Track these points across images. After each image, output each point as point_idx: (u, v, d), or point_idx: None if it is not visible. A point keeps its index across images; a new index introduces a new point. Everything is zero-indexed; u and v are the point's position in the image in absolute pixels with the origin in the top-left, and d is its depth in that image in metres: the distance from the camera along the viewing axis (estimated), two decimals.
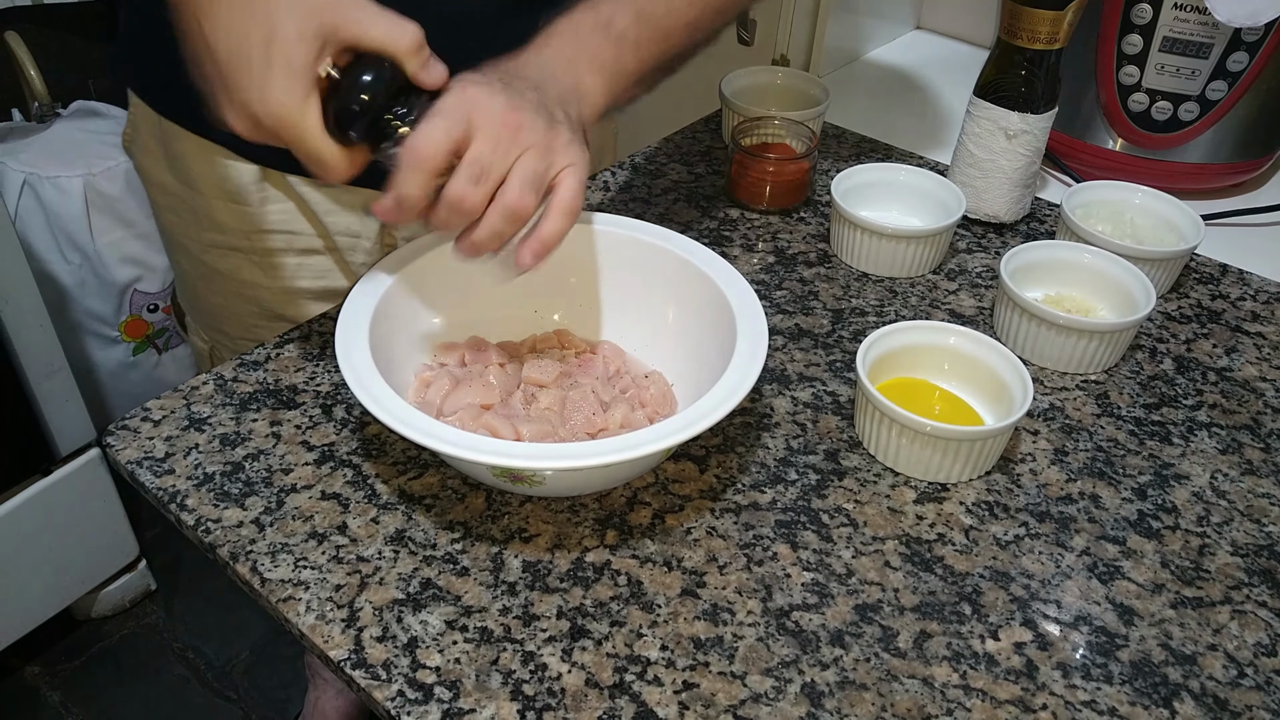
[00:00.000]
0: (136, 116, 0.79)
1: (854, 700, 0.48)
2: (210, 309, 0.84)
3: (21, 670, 1.41)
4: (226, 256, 0.79)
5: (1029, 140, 0.78)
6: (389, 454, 0.60)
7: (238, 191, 0.75)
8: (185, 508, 0.56)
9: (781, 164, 0.82)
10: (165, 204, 0.80)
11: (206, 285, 0.82)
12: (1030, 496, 0.59)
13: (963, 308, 0.75)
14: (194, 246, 0.80)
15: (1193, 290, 0.78)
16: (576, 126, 0.56)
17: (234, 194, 0.76)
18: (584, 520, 0.56)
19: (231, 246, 0.78)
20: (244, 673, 1.42)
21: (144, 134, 0.78)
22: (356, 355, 0.54)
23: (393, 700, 0.47)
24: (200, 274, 0.82)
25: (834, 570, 0.54)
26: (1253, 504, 0.60)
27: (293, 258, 0.79)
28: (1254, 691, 0.49)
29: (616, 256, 0.66)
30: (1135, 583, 0.54)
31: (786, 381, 0.67)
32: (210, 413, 0.62)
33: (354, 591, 0.52)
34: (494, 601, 0.52)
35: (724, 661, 0.49)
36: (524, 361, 0.63)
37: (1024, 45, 0.75)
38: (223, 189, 0.76)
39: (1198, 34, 0.82)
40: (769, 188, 0.83)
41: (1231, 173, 0.90)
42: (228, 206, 0.76)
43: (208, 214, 0.77)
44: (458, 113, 0.51)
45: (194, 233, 0.79)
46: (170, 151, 0.76)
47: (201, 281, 0.82)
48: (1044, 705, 0.48)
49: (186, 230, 0.80)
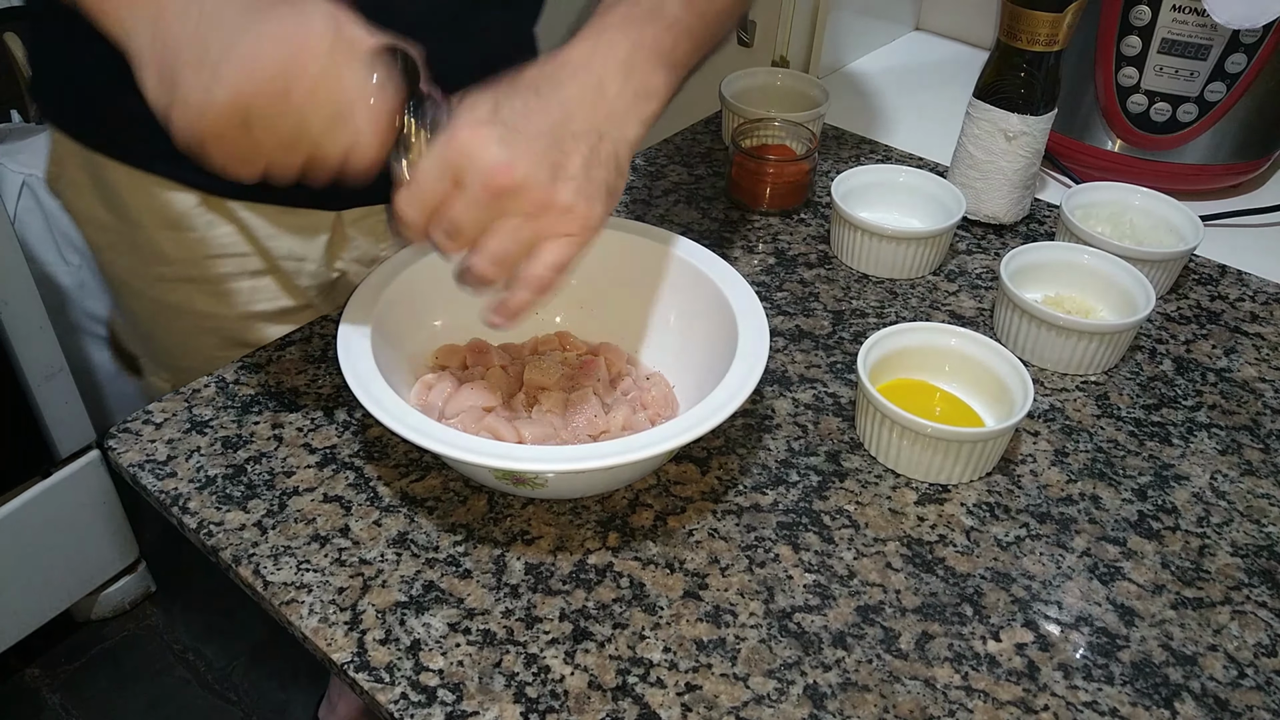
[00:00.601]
0: (61, 153, 0.73)
1: (856, 701, 0.48)
2: (169, 347, 0.80)
3: (22, 672, 1.41)
4: (177, 288, 0.75)
5: (1028, 142, 0.79)
6: (391, 456, 0.60)
7: (179, 219, 0.72)
8: (187, 511, 0.56)
9: (781, 165, 0.83)
10: (104, 242, 0.76)
11: (161, 322, 0.79)
12: (1031, 497, 0.59)
13: (963, 309, 0.75)
14: (141, 283, 0.76)
15: (1192, 291, 0.78)
16: (602, 167, 0.51)
17: (176, 222, 0.72)
18: (586, 522, 0.56)
19: (181, 277, 0.75)
20: (244, 674, 1.42)
21: (71, 170, 0.73)
22: (359, 358, 0.54)
23: (396, 703, 0.47)
24: (153, 311, 0.78)
25: (836, 572, 0.54)
26: (1252, 504, 0.60)
27: (245, 281, 0.75)
28: (1254, 692, 0.49)
29: (618, 258, 0.66)
30: (1136, 583, 0.55)
31: (787, 383, 0.67)
32: (212, 415, 0.62)
33: (357, 594, 0.52)
34: (496, 604, 0.52)
35: (726, 663, 0.49)
36: (526, 364, 0.63)
37: (1023, 47, 0.75)
38: (164, 218, 0.72)
39: (1196, 35, 0.82)
40: (769, 189, 0.83)
41: (1230, 174, 0.90)
42: (171, 236, 0.72)
43: (151, 247, 0.73)
44: (444, 164, 0.48)
45: (139, 268, 0.75)
46: (103, 186, 0.72)
47: (155, 319, 0.79)
48: (1045, 706, 0.48)
49: (131, 267, 0.76)
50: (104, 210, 0.73)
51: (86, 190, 0.73)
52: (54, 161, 0.75)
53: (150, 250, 0.73)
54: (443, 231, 0.50)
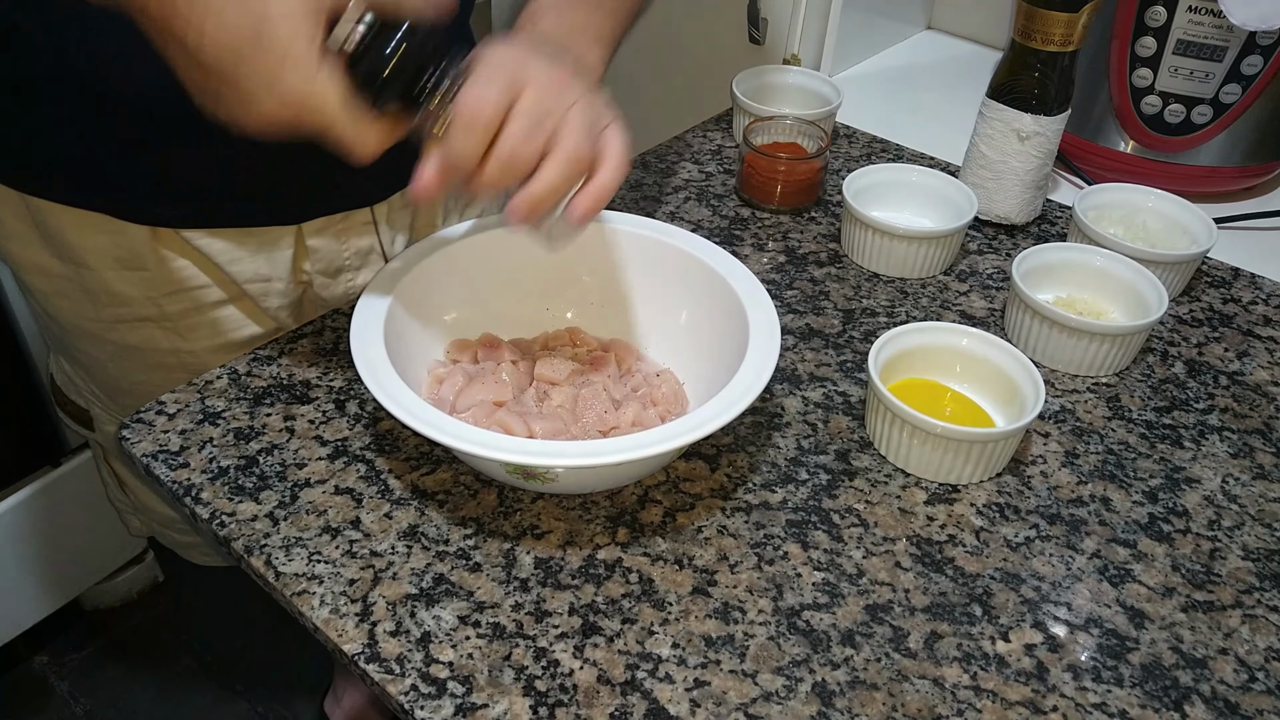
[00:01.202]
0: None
1: (864, 700, 0.48)
2: (131, 389, 0.76)
3: (30, 660, 1.41)
4: (137, 329, 0.73)
5: (1041, 142, 0.78)
6: (402, 450, 0.60)
7: (131, 258, 0.69)
8: (200, 501, 0.56)
9: (793, 164, 0.83)
10: (51, 289, 0.72)
11: (123, 365, 0.75)
12: (1041, 499, 0.59)
13: (973, 309, 0.75)
14: (96, 327, 0.73)
15: (1204, 294, 0.78)
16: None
17: (128, 260, 0.69)
18: (596, 518, 0.56)
19: (140, 318, 0.72)
20: (250, 665, 1.43)
21: (9, 221, 0.69)
22: (371, 351, 0.55)
23: (406, 695, 0.47)
24: (111, 355, 0.75)
25: (845, 570, 0.54)
26: (1264, 508, 0.60)
27: (208, 314, 0.73)
28: (1265, 696, 0.49)
29: (629, 255, 0.66)
30: (1146, 586, 0.55)
31: (797, 381, 0.67)
32: (225, 407, 0.62)
33: (367, 586, 0.52)
34: (506, 597, 0.52)
35: (735, 660, 0.49)
36: (536, 359, 0.63)
37: (1038, 47, 0.75)
38: (114, 258, 0.69)
39: (1212, 37, 0.82)
40: (780, 187, 0.83)
41: (1244, 176, 0.90)
42: (124, 275, 0.70)
43: (104, 289, 0.70)
44: (504, 69, 0.50)
45: (92, 312, 0.72)
46: (45, 230, 0.69)
47: (115, 362, 0.75)
48: (1054, 707, 0.48)
49: (82, 312, 0.72)
50: (50, 257, 0.70)
51: (28, 239, 0.70)
52: None
53: (104, 293, 0.71)
54: (501, 162, 0.50)
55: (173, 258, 0.70)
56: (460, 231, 0.64)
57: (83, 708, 1.36)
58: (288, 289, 0.74)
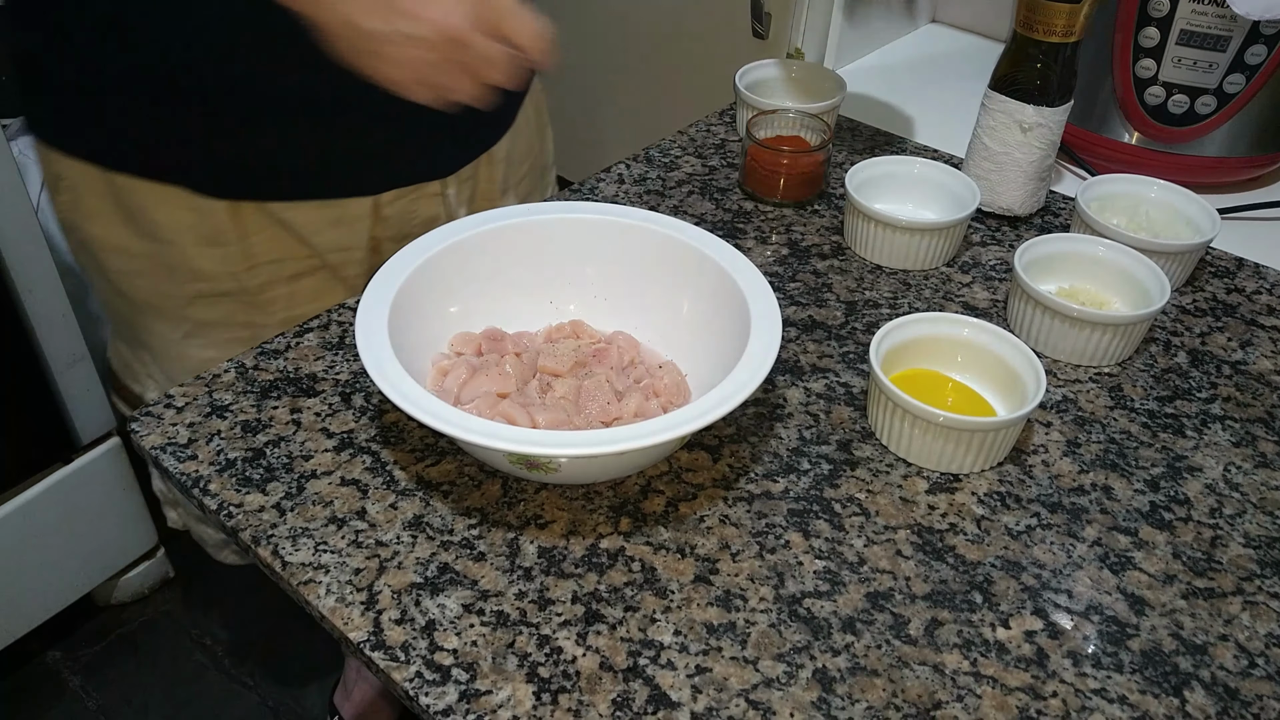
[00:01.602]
0: (75, 182, 0.72)
1: (865, 686, 0.48)
2: (201, 367, 0.77)
3: (43, 654, 1.43)
4: (215, 304, 0.75)
5: (1044, 133, 0.79)
6: (407, 441, 0.61)
7: (213, 233, 0.72)
8: (208, 493, 0.57)
9: (796, 157, 0.83)
10: (130, 268, 0.74)
11: (194, 342, 0.77)
12: (1042, 487, 0.60)
13: (976, 300, 0.75)
14: (173, 304, 0.75)
15: (1208, 284, 0.78)
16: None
17: (210, 236, 0.72)
18: (598, 508, 0.57)
19: (219, 293, 0.74)
20: (260, 660, 1.44)
21: (89, 199, 0.72)
22: (376, 344, 0.55)
23: (411, 681, 0.48)
24: (185, 332, 0.77)
25: (846, 558, 0.55)
26: (1266, 496, 0.60)
27: (283, 287, 0.76)
28: (1265, 681, 0.49)
29: (631, 248, 0.66)
30: (1147, 573, 0.55)
31: (800, 373, 0.67)
32: (232, 400, 0.63)
33: (373, 575, 0.53)
34: (510, 586, 0.52)
35: (736, 647, 0.50)
36: (540, 351, 0.64)
37: (1040, 38, 0.75)
38: (197, 234, 0.71)
39: (1215, 27, 0.82)
40: (783, 180, 0.84)
41: (1249, 166, 0.90)
42: (206, 251, 0.72)
43: (185, 265, 0.73)
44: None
45: (170, 289, 0.74)
46: (127, 209, 0.71)
47: (188, 340, 0.77)
48: (1054, 693, 0.48)
49: (160, 289, 0.74)
50: (130, 236, 0.72)
51: (109, 218, 0.72)
52: (64, 192, 0.73)
53: (185, 269, 0.73)
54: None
55: (254, 231, 0.73)
56: (464, 226, 0.65)
57: (95, 702, 1.38)
58: (365, 257, 0.78)
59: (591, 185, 0.87)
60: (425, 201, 0.79)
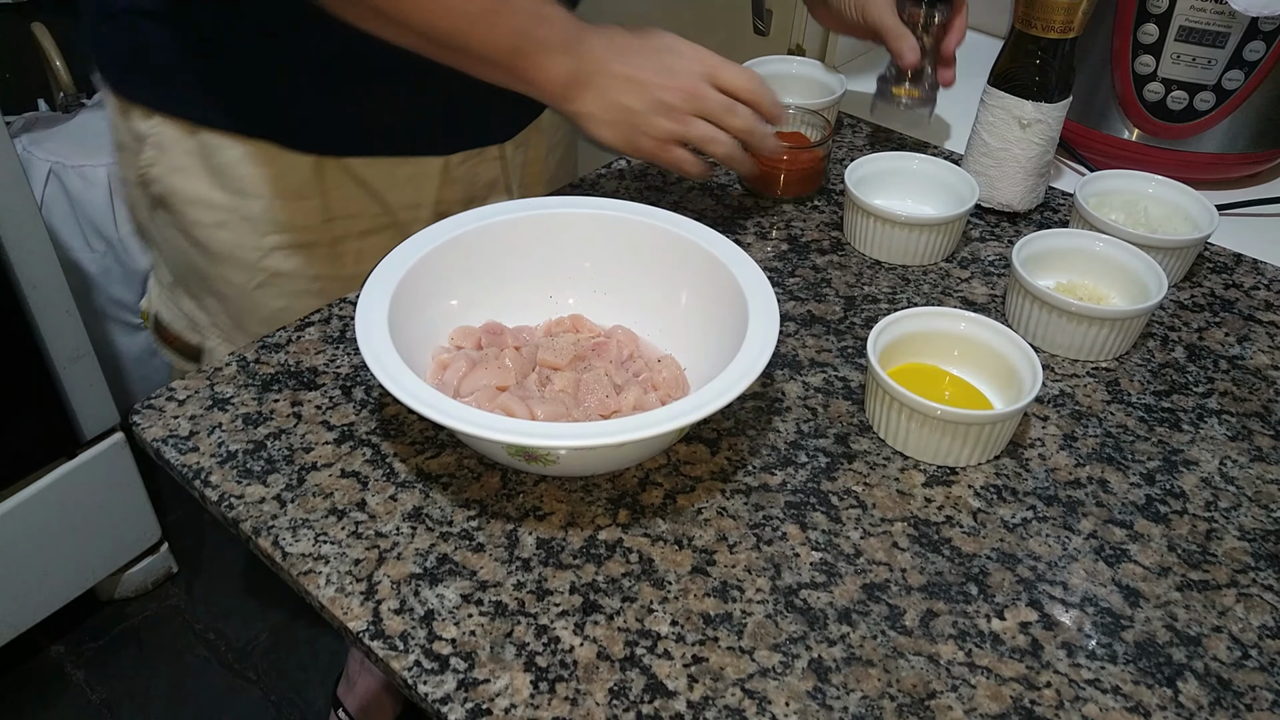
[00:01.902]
0: (163, 139, 0.76)
1: (860, 676, 0.49)
2: (270, 316, 0.83)
3: (47, 649, 1.44)
4: (291, 256, 0.80)
5: (1043, 129, 0.79)
6: (407, 434, 0.61)
7: (298, 187, 0.77)
8: (209, 484, 0.57)
9: (796, 153, 0.83)
10: (212, 220, 0.78)
11: (267, 290, 0.82)
12: (1038, 481, 0.60)
13: (975, 295, 0.75)
14: (252, 255, 0.80)
15: (1206, 279, 0.78)
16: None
17: (294, 190, 0.77)
18: (597, 500, 0.57)
19: (296, 244, 0.79)
20: (263, 654, 1.44)
21: (175, 156, 0.76)
22: (376, 337, 0.56)
23: (410, 670, 0.48)
24: (258, 282, 0.81)
25: (842, 550, 0.55)
26: (1261, 490, 0.60)
27: (355, 242, 0.81)
28: (1257, 673, 0.50)
29: (631, 242, 0.67)
30: (1141, 565, 0.55)
31: (798, 367, 0.68)
32: (233, 393, 0.64)
33: (372, 566, 0.53)
34: (509, 577, 0.53)
35: (733, 637, 0.50)
36: (539, 345, 0.64)
37: (1038, 34, 0.75)
38: (281, 187, 0.77)
39: (1214, 23, 0.82)
40: (783, 176, 0.84)
41: (1248, 163, 0.90)
42: (288, 205, 0.77)
43: (267, 217, 0.78)
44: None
45: (251, 241, 0.79)
46: (213, 164, 0.76)
47: (261, 289, 0.82)
48: (1048, 683, 0.49)
49: (241, 241, 0.79)
50: (214, 188, 0.77)
51: (196, 172, 0.77)
52: (148, 149, 0.77)
53: (267, 221, 0.78)
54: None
55: (333, 187, 0.78)
56: (465, 220, 0.65)
57: (98, 696, 1.38)
58: (430, 216, 0.82)
59: (593, 181, 0.87)
60: (487, 164, 0.85)
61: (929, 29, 0.86)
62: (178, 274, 0.86)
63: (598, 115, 0.68)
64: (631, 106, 0.67)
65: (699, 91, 0.68)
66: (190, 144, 0.75)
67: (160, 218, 0.82)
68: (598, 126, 0.68)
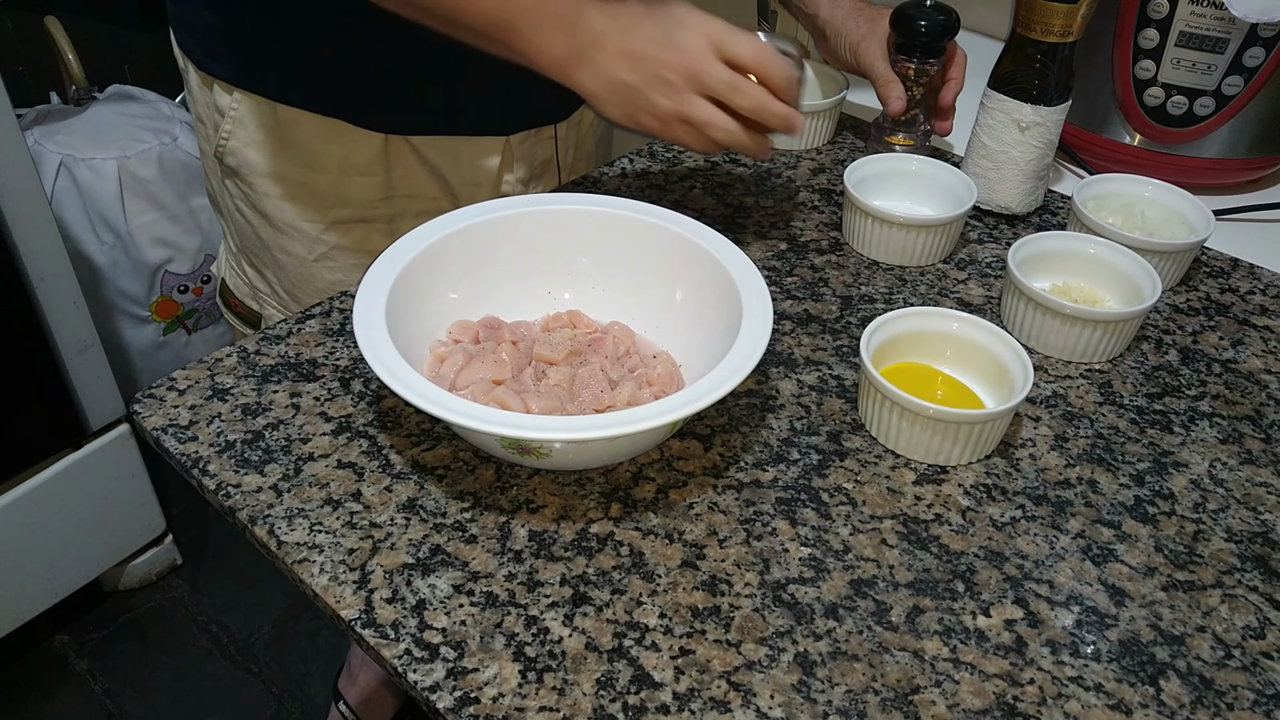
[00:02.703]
0: (242, 113, 0.80)
1: (845, 670, 0.49)
2: (323, 289, 0.87)
3: (51, 639, 1.45)
4: (352, 229, 0.84)
5: (1041, 132, 0.79)
6: (403, 426, 0.62)
7: (366, 164, 0.81)
8: (207, 473, 0.58)
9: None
10: (281, 193, 0.82)
11: (325, 263, 0.86)
12: (1028, 480, 0.60)
13: (971, 296, 0.76)
14: (315, 228, 0.84)
15: (1202, 283, 0.79)
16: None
17: (362, 167, 0.81)
18: (590, 493, 0.58)
19: (358, 219, 0.83)
20: (265, 646, 1.45)
21: (251, 129, 0.81)
22: (374, 331, 0.56)
23: (400, 658, 0.49)
24: (320, 254, 0.85)
25: (831, 546, 0.56)
26: (1250, 492, 0.60)
27: (411, 220, 0.82)
28: (1240, 672, 0.50)
29: (629, 240, 0.67)
30: (1128, 565, 0.55)
31: (793, 365, 0.68)
32: (233, 384, 0.64)
33: (366, 555, 0.54)
34: (500, 568, 0.54)
35: (720, 630, 0.51)
36: (535, 340, 0.65)
37: (1038, 38, 0.76)
38: (349, 163, 0.80)
39: (1214, 29, 0.82)
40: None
41: (1248, 168, 0.90)
42: (355, 181, 0.81)
43: (334, 191, 0.82)
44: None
45: (316, 214, 0.83)
46: (287, 139, 0.80)
47: (320, 261, 0.86)
48: (1031, 680, 0.49)
49: (307, 214, 0.83)
50: (287, 163, 0.81)
51: (269, 146, 0.81)
52: (228, 122, 0.82)
53: (333, 195, 0.82)
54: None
55: (399, 164, 0.82)
56: (465, 215, 0.66)
57: (101, 686, 1.39)
58: (489, 194, 0.86)
59: (595, 179, 0.88)
60: (544, 144, 0.88)
61: (920, 80, 0.87)
62: (243, 243, 0.90)
63: (599, 93, 0.66)
64: (630, 83, 0.65)
65: (700, 67, 0.64)
66: (269, 119, 0.80)
67: (231, 188, 0.86)
68: (601, 104, 0.66)
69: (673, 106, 0.65)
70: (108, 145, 1.48)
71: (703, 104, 0.65)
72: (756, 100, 0.65)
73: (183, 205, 1.54)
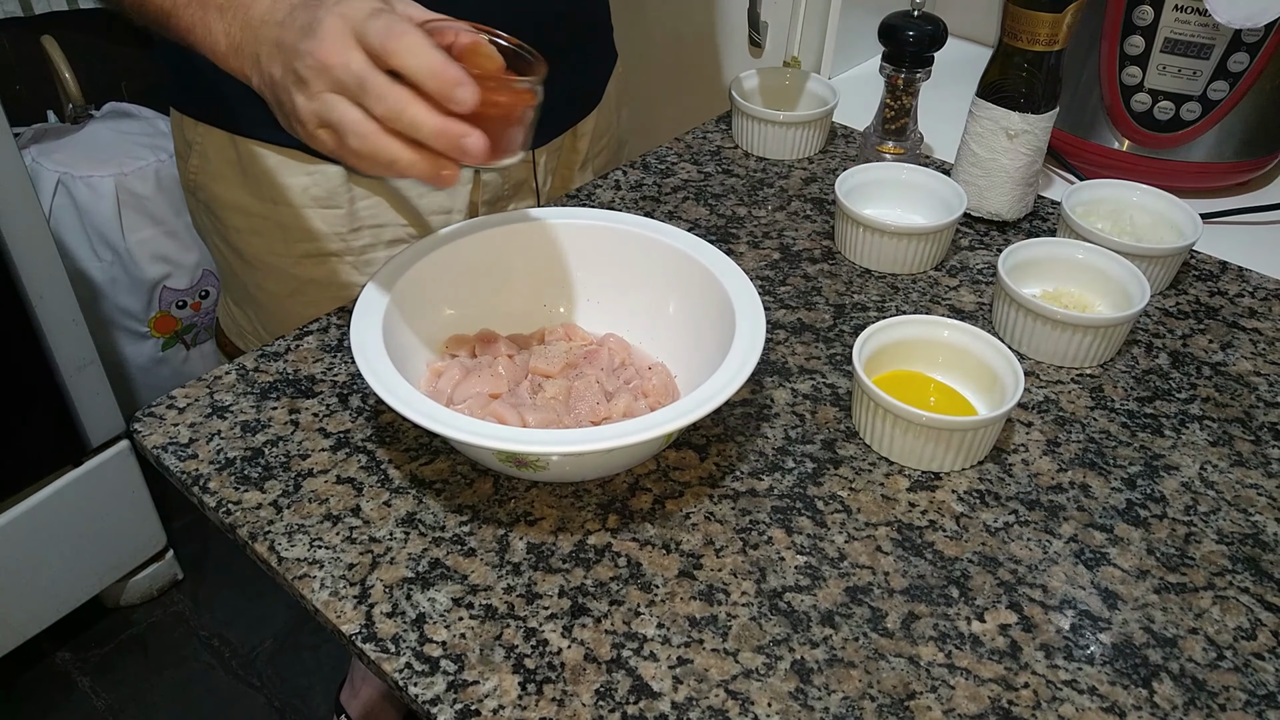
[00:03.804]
0: (205, 147, 0.80)
1: (841, 677, 0.50)
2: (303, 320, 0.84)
3: (53, 655, 1.45)
4: (321, 264, 0.82)
5: (1030, 140, 0.80)
6: (401, 441, 0.62)
7: (327, 196, 0.79)
8: (207, 490, 0.59)
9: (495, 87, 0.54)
10: (247, 226, 0.81)
11: (299, 299, 0.84)
12: (1021, 485, 0.61)
13: (963, 303, 0.76)
14: (283, 262, 0.82)
15: (1191, 287, 0.79)
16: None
17: (325, 199, 0.79)
18: (587, 505, 0.59)
19: (326, 252, 0.81)
20: (267, 661, 1.46)
21: (216, 162, 0.80)
22: (371, 347, 0.57)
23: (400, 672, 0.49)
24: (291, 289, 0.84)
25: (826, 554, 0.56)
26: (1240, 494, 0.61)
27: (382, 250, 0.82)
28: (1232, 673, 0.51)
29: (623, 252, 0.68)
30: (1121, 569, 0.56)
31: (787, 374, 0.69)
32: (232, 401, 0.65)
33: (366, 570, 0.54)
34: (499, 581, 0.54)
35: (717, 639, 0.51)
36: (531, 353, 0.65)
37: (1024, 47, 0.77)
38: (312, 196, 0.79)
39: (1198, 35, 0.83)
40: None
41: (1235, 172, 0.91)
42: (319, 213, 0.79)
43: (298, 225, 0.80)
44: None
45: (282, 248, 0.81)
46: (251, 173, 0.79)
47: (293, 296, 0.84)
48: (1025, 684, 0.50)
49: (273, 248, 0.82)
50: (249, 197, 0.80)
51: (232, 180, 0.80)
52: (195, 156, 0.81)
53: (298, 229, 0.80)
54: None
55: (364, 195, 0.80)
56: (460, 230, 0.67)
57: (104, 702, 1.40)
58: (462, 219, 0.83)
59: (589, 191, 0.88)
60: (518, 168, 0.86)
61: (909, 90, 0.88)
62: (225, 280, 0.90)
63: (263, 92, 0.55)
64: (277, 79, 0.53)
65: (331, 58, 0.49)
66: (230, 152, 0.78)
67: (207, 223, 0.86)
68: (270, 107, 0.55)
69: (313, 108, 0.51)
70: (105, 163, 1.49)
71: (338, 103, 0.50)
72: (390, 105, 0.49)
73: (180, 221, 1.55)
